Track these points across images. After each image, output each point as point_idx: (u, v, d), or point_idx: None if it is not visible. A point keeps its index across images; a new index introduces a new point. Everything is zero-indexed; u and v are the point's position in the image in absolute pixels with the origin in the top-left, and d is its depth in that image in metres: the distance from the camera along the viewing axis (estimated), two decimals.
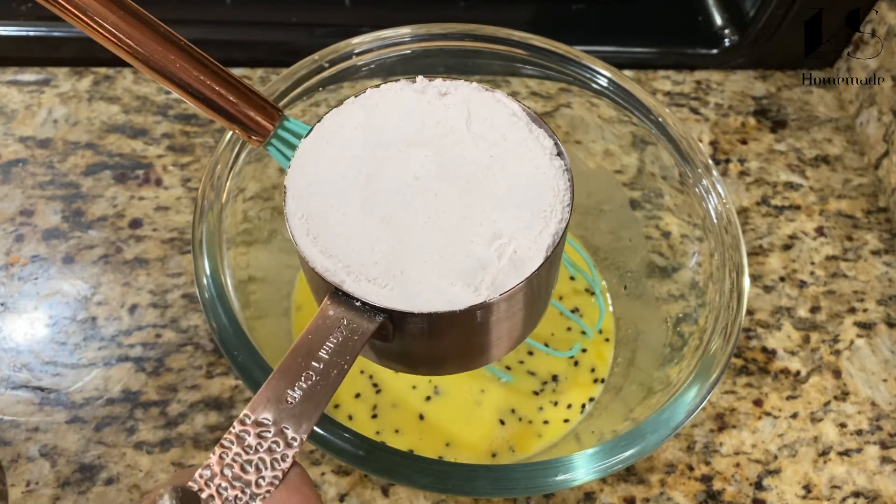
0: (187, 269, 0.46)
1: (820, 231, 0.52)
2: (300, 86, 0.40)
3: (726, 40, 0.58)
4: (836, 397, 0.45)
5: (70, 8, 0.28)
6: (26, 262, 0.46)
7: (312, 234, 0.27)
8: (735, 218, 0.39)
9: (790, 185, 0.54)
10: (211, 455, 0.23)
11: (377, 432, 0.41)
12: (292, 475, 0.23)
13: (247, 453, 0.23)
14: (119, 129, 0.51)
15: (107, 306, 0.45)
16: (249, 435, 0.23)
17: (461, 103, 0.29)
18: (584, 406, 0.42)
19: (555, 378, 0.43)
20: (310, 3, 0.57)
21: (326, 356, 0.25)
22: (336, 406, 0.42)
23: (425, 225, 0.27)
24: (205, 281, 0.35)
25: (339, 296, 0.26)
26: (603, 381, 0.43)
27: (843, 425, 0.44)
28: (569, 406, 0.42)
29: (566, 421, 0.42)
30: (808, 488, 0.42)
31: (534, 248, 0.27)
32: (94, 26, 0.29)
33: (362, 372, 0.43)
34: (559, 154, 0.29)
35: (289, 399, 0.24)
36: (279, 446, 0.23)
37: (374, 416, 0.41)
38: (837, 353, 0.47)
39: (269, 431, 0.23)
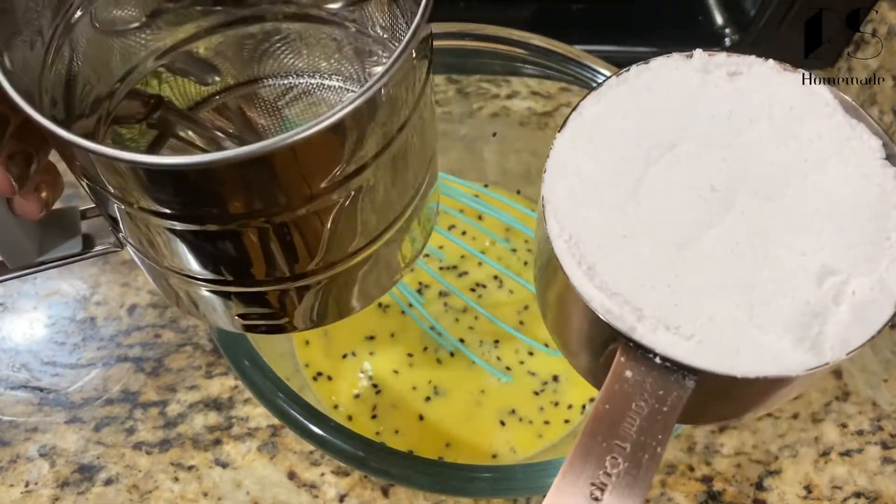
0: None
1: None
2: None
3: (727, 40, 0.57)
4: (837, 398, 0.45)
5: None
6: None
7: (586, 263, 0.21)
8: None
9: None
10: None
11: (377, 433, 0.41)
12: None
13: None
14: None
15: (106, 306, 0.45)
16: None
17: (758, 88, 0.23)
18: (584, 406, 0.42)
19: (555, 378, 0.43)
20: None
21: (633, 433, 0.19)
22: (335, 407, 0.41)
23: (733, 254, 0.21)
24: None
25: (632, 349, 0.20)
26: None
27: (844, 425, 0.44)
28: (569, 406, 0.42)
29: (567, 421, 0.42)
30: (808, 488, 0.42)
31: (879, 289, 0.20)
32: None
33: (362, 372, 0.42)
34: (890, 157, 0.22)
35: (594, 494, 0.19)
36: None
37: (374, 417, 0.41)
38: None
39: None
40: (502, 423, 0.41)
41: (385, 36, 0.30)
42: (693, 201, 0.22)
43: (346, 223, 0.25)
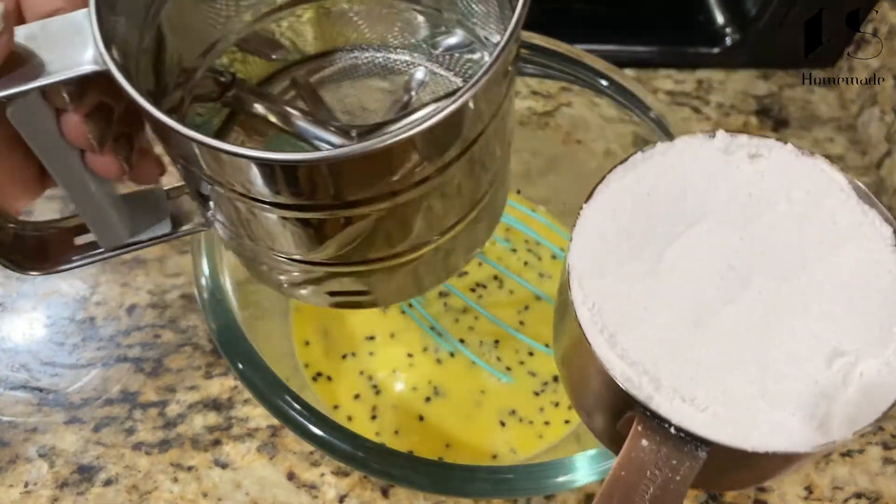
0: (185, 269, 0.46)
1: None
2: None
3: (728, 39, 0.57)
4: None
5: None
6: None
7: (608, 331, 0.22)
8: None
9: None
10: None
11: (377, 433, 0.41)
12: None
13: None
14: None
15: (105, 306, 0.44)
16: None
17: (777, 171, 0.24)
18: None
19: (556, 379, 0.43)
20: None
21: (647, 500, 0.20)
22: (335, 407, 0.41)
23: (748, 332, 0.22)
24: (203, 281, 0.35)
25: (649, 418, 0.21)
26: None
27: None
28: (570, 407, 0.42)
29: (567, 422, 0.42)
30: (809, 489, 0.42)
31: (886, 372, 0.21)
32: None
33: (361, 373, 0.42)
34: None
35: None
36: None
37: (374, 418, 0.41)
38: None
39: None
40: (502, 424, 0.41)
41: (461, 6, 0.31)
42: (712, 278, 0.23)
43: (438, 207, 0.26)
